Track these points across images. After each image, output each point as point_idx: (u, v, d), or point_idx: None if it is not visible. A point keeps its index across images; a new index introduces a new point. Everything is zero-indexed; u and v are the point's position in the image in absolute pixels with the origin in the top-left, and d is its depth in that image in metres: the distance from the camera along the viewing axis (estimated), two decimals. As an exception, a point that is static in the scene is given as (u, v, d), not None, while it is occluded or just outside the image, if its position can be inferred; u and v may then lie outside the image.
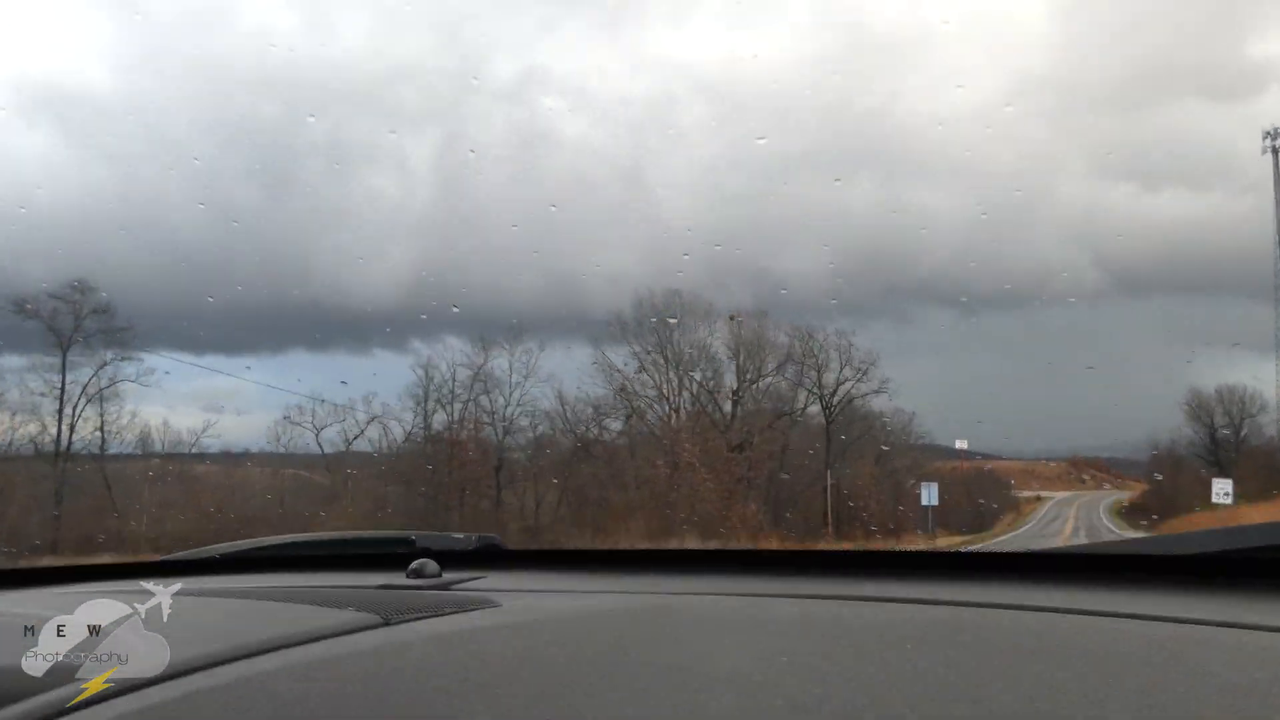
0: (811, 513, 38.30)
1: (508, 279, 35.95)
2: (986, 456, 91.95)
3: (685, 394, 36.60)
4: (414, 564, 1.84)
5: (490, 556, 2.34)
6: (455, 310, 32.17)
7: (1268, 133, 64.50)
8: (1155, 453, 60.14)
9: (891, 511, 43.93)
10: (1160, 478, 57.42)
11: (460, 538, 2.44)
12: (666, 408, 36.36)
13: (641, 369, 35.64)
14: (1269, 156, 59.23)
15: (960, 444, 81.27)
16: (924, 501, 35.89)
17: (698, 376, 36.33)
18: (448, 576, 1.85)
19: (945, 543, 35.07)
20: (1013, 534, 55.46)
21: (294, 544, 2.56)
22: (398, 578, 1.83)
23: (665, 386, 35.86)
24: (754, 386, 37.85)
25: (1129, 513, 79.04)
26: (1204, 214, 47.18)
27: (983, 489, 65.37)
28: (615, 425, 35.61)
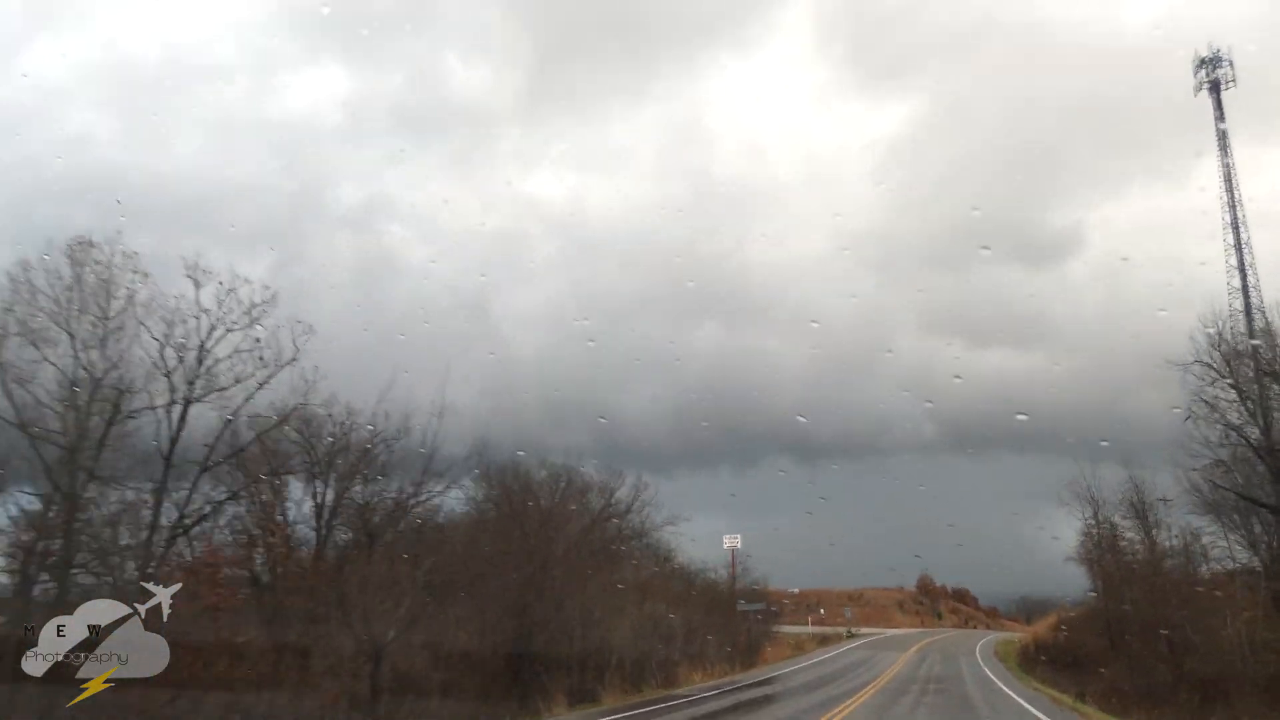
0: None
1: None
2: (779, 590, 66.78)
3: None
4: None
5: None
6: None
7: (1203, 59, 43.10)
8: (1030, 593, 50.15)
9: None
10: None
11: None
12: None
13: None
14: (1080, 320, 56.31)
15: (730, 540, 49.97)
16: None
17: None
18: None
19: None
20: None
21: None
22: None
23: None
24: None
25: (1047, 665, 39.62)
26: (1027, 373, 47.21)
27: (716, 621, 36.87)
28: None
